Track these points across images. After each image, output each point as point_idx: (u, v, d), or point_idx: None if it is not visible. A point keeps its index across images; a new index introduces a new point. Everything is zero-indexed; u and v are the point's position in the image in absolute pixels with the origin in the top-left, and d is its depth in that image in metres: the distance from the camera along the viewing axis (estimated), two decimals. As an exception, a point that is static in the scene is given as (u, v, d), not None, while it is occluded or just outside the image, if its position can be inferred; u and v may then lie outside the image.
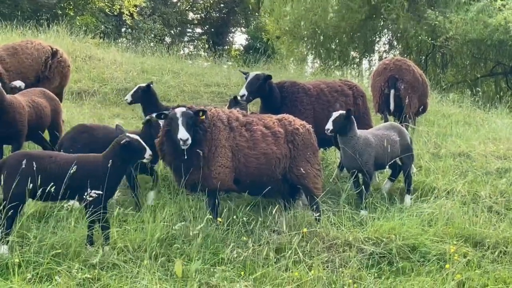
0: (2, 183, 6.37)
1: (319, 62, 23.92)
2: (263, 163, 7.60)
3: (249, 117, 7.90)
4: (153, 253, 6.49)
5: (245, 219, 7.08)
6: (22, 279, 5.92)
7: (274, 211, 7.47)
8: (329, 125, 8.19)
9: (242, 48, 34.66)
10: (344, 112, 8.31)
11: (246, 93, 9.12)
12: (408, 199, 8.71)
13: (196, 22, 37.57)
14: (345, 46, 23.43)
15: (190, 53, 27.70)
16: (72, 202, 6.86)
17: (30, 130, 8.54)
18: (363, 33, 22.90)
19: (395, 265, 6.91)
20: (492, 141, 11.72)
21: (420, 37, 21.03)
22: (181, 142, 7.03)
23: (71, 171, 6.38)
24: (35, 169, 6.33)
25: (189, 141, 7.05)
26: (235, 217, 7.15)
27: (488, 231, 7.68)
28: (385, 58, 18.01)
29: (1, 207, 6.32)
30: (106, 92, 14.11)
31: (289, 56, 23.78)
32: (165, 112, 7.39)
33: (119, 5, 27.32)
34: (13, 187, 6.27)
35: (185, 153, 7.14)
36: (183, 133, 7.03)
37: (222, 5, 36.03)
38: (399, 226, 7.43)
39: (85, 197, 6.41)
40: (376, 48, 24.25)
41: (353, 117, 8.37)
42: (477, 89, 19.13)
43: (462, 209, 8.21)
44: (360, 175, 8.37)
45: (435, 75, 21.36)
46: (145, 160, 6.76)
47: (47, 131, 9.17)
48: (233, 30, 37.44)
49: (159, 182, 8.48)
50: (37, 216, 7.34)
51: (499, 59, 22.16)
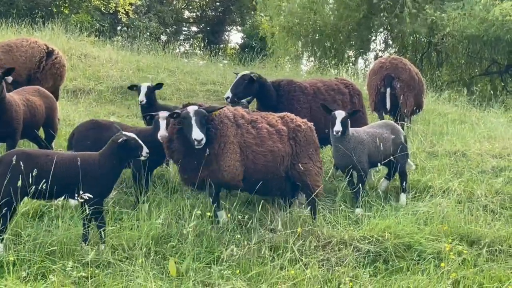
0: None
1: (314, 60, 23.90)
2: (270, 160, 7.57)
3: (253, 115, 7.88)
4: (148, 252, 6.47)
5: (240, 217, 7.05)
6: (16, 278, 5.90)
7: (270, 210, 7.46)
8: (339, 127, 8.12)
9: (238, 46, 34.61)
10: (345, 112, 8.28)
11: (230, 95, 9.05)
12: (403, 197, 8.71)
13: (191, 20, 37.51)
14: (341, 44, 23.42)
15: (186, 51, 27.67)
16: (73, 202, 6.82)
17: (24, 128, 8.52)
18: (359, 32, 22.89)
19: (390, 263, 6.91)
20: (487, 140, 11.74)
21: (416, 35, 21.05)
22: (195, 142, 6.95)
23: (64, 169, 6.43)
24: (32, 167, 6.32)
25: (204, 141, 6.97)
26: (230, 215, 7.13)
27: (483, 229, 7.69)
28: (381, 57, 18.04)
29: None
30: (101, 90, 14.08)
31: (284, 54, 23.73)
32: (177, 111, 7.25)
33: (115, 3, 27.22)
34: (8, 185, 6.24)
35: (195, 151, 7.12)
36: (197, 133, 6.95)
37: (218, 4, 35.96)
38: (394, 224, 7.43)
39: (77, 198, 6.41)
40: (371, 47, 24.27)
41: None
42: (476, 88, 19.13)
43: (457, 207, 8.21)
44: (354, 173, 8.36)
45: (431, 74, 21.37)
46: (142, 158, 6.73)
47: (42, 129, 9.14)
48: (228, 28, 37.41)
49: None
50: (31, 214, 7.31)
51: (494, 57, 22.21)
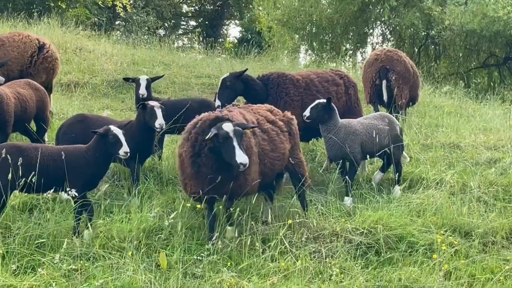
0: None
1: (311, 53, 23.90)
2: (281, 162, 7.40)
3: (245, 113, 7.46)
4: (139, 244, 6.45)
5: (231, 209, 7.02)
6: (6, 271, 5.88)
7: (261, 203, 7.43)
8: (307, 112, 8.18)
9: (236, 40, 34.58)
10: (323, 100, 8.28)
11: (220, 103, 8.87)
12: (398, 189, 8.68)
13: (190, 14, 37.48)
14: (338, 38, 23.40)
15: (183, 45, 27.62)
16: (64, 196, 6.80)
17: (15, 121, 8.50)
18: (356, 25, 22.87)
19: (382, 255, 6.87)
20: (482, 132, 11.72)
21: (414, 28, 21.02)
22: (241, 166, 6.37)
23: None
24: (21, 160, 6.34)
25: (248, 164, 6.45)
26: (221, 207, 7.10)
27: (476, 221, 7.67)
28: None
29: None
30: (96, 83, 14.06)
31: (281, 47, 23.71)
32: (217, 132, 6.51)
33: (113, -3, 27.24)
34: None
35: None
36: (243, 158, 6.36)
37: (216, -3, 35.99)
38: (387, 216, 7.40)
39: (65, 194, 6.41)
40: (369, 40, 24.24)
41: (333, 105, 8.32)
42: (475, 80, 19.11)
43: (450, 199, 8.19)
44: (347, 164, 8.33)
45: (428, 66, 21.36)
46: (120, 156, 6.67)
47: (34, 123, 9.12)
48: (227, 22, 37.39)
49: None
50: (21, 207, 7.30)
51: (492, 50, 22.19)
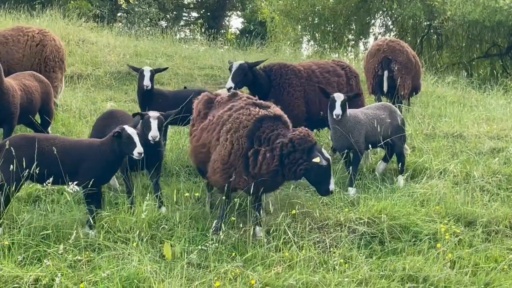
0: (1, 164, 6.39)
1: (313, 44, 23.86)
2: None
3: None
4: (144, 235, 6.48)
5: (236, 200, 7.04)
6: (12, 262, 5.92)
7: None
8: (339, 111, 8.06)
9: (238, 31, 34.52)
10: (344, 95, 8.25)
11: (233, 85, 8.96)
12: (401, 179, 8.69)
13: (192, 6, 37.38)
14: (341, 28, 23.36)
15: (186, 36, 27.56)
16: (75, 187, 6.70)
17: (21, 113, 8.54)
18: (359, 16, 22.82)
19: (386, 244, 6.89)
20: (486, 122, 11.73)
21: (416, 18, 20.97)
22: (329, 194, 6.73)
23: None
24: (35, 152, 6.35)
25: None
26: (224, 198, 7.12)
27: (480, 210, 7.68)
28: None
29: None
30: (99, 75, 14.07)
31: (284, 38, 23.68)
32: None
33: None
34: (11, 169, 6.29)
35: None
36: (333, 186, 6.71)
37: (218, -12, 35.83)
38: (390, 206, 7.41)
39: (68, 187, 6.38)
40: (371, 30, 24.18)
41: None
42: (479, 72, 19.07)
43: (454, 189, 8.20)
44: (351, 154, 8.36)
45: (430, 57, 21.32)
46: (134, 157, 6.54)
47: (38, 115, 9.14)
48: (229, 14, 37.29)
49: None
50: (26, 199, 7.34)
51: (495, 40, 22.14)
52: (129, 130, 6.54)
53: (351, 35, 24.12)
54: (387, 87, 11.66)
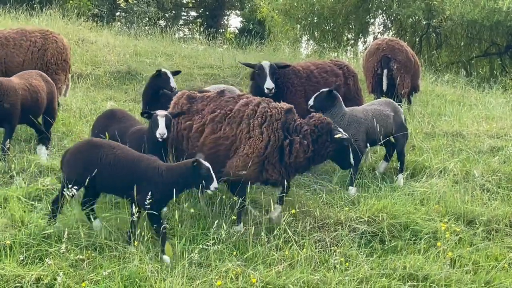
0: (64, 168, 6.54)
1: (312, 43, 23.86)
2: None
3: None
4: (145, 234, 6.48)
5: (236, 199, 7.05)
6: (14, 261, 5.93)
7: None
8: (311, 101, 8.34)
9: (237, 31, 34.50)
10: (326, 89, 8.38)
11: (273, 86, 8.98)
12: (401, 178, 8.70)
13: (190, 5, 37.34)
14: (340, 27, 23.37)
15: (185, 36, 27.55)
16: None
17: (24, 113, 8.51)
18: (358, 15, 22.83)
19: (386, 243, 6.91)
20: (485, 120, 11.74)
21: (415, 17, 20.99)
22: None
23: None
24: (97, 159, 6.38)
25: None
26: (224, 197, 7.14)
27: (480, 209, 7.70)
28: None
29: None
30: (99, 75, 14.06)
31: (283, 37, 23.68)
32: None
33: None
34: (73, 174, 6.40)
35: None
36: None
37: (216, -12, 35.78)
38: (391, 205, 7.44)
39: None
40: (370, 29, 24.19)
41: (338, 94, 8.41)
42: (478, 70, 19.08)
43: (454, 187, 8.22)
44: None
45: (430, 56, 21.34)
46: (209, 192, 6.39)
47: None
48: (228, 13, 37.25)
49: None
50: (27, 198, 7.34)
51: (493, 39, 22.15)
52: (205, 164, 6.32)
53: (350, 34, 24.12)
54: (387, 86, 11.67)
